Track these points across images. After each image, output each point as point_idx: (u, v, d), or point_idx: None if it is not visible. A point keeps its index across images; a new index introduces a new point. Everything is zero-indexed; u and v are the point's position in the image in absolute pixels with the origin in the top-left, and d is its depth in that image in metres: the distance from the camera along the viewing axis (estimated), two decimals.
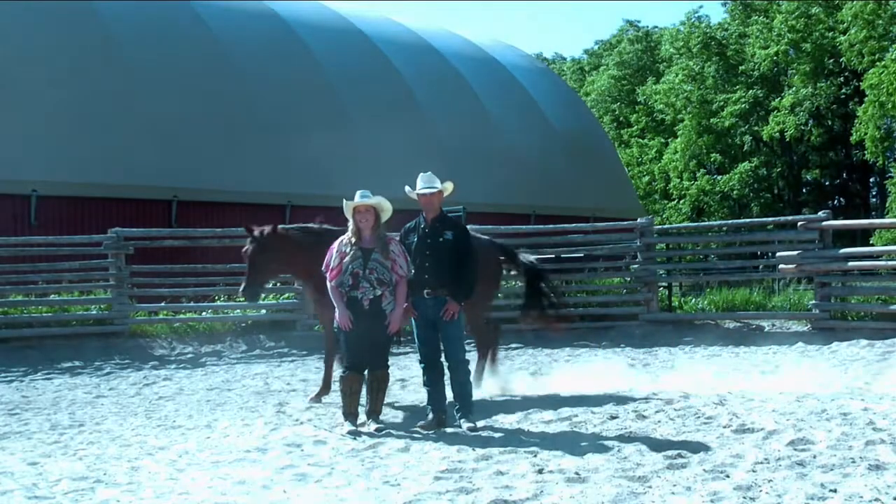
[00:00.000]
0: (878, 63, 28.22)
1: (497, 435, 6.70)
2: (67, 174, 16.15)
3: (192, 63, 18.78)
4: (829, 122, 37.07)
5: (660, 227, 16.92)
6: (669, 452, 5.77)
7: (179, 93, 18.06)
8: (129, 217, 15.21)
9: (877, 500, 4.62)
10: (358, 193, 7.09)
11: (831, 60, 34.08)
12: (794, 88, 34.67)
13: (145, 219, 15.76)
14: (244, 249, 8.33)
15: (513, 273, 10.01)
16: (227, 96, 18.73)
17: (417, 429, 6.96)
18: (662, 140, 40.02)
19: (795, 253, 13.29)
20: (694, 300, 15.84)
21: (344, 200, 7.10)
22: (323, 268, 7.17)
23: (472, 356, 9.88)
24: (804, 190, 39.07)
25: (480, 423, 7.03)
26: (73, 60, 17.17)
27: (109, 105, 17.03)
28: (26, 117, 16.11)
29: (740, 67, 36.72)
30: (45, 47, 17.02)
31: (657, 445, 6.03)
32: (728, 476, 5.19)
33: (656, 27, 45.92)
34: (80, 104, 16.74)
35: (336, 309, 7.01)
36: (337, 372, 7.78)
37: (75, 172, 16.19)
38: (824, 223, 13.30)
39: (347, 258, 6.97)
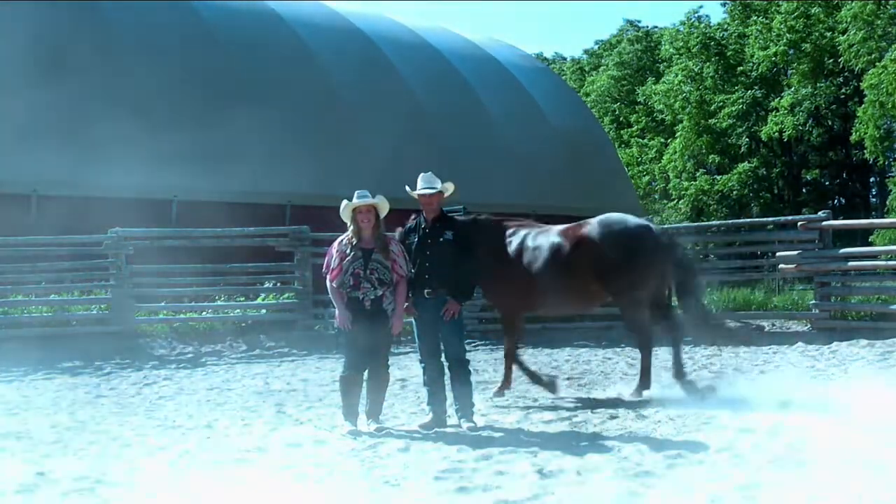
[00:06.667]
0: (877, 63, 28.22)
1: (497, 435, 6.71)
2: (67, 174, 16.13)
3: (191, 62, 18.77)
4: (829, 122, 37.06)
5: (659, 227, 16.89)
6: (669, 452, 5.78)
7: (178, 92, 18.04)
8: (129, 217, 15.20)
9: (877, 499, 4.62)
10: (356, 194, 7.09)
11: (831, 60, 34.07)
12: (793, 88, 34.68)
13: (145, 219, 15.74)
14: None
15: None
16: (226, 96, 18.71)
17: (417, 429, 6.96)
18: (662, 140, 40.02)
19: (795, 253, 13.29)
20: None
21: (344, 201, 7.10)
22: (323, 269, 7.18)
23: (472, 356, 9.89)
24: (804, 190, 39.03)
25: (480, 423, 7.04)
26: (72, 59, 17.15)
27: (108, 104, 17.00)
28: (26, 116, 16.10)
29: (739, 68, 36.72)
30: (45, 46, 17.00)
31: (657, 445, 6.03)
32: (728, 476, 5.19)
33: (656, 27, 45.90)
34: (78, 103, 16.73)
35: (336, 309, 7.02)
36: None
37: (75, 172, 16.17)
38: (824, 223, 13.30)
39: (348, 259, 6.97)
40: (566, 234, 8.35)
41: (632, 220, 8.45)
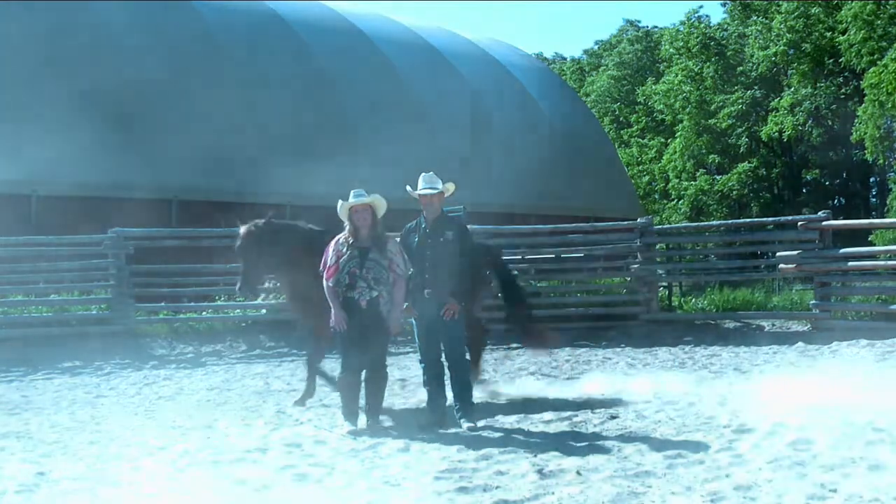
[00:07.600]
0: (877, 63, 28.20)
1: (497, 435, 6.70)
2: (67, 174, 16.13)
3: (191, 62, 18.78)
4: (829, 122, 37.04)
5: (659, 227, 16.91)
6: (669, 452, 5.78)
7: (177, 92, 18.05)
8: (129, 217, 15.20)
9: (877, 499, 4.62)
10: (352, 193, 7.09)
11: (831, 60, 34.05)
12: (793, 88, 34.66)
13: (145, 219, 15.75)
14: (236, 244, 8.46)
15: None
16: (227, 96, 18.72)
17: (417, 429, 6.96)
18: (662, 140, 40.01)
19: (795, 253, 13.28)
20: (694, 300, 15.84)
21: (339, 201, 7.09)
22: (321, 268, 7.16)
23: None
24: (804, 190, 39.01)
25: (480, 423, 7.03)
26: (70, 59, 17.17)
27: (108, 104, 17.01)
28: (26, 116, 16.10)
29: (739, 68, 36.70)
30: (43, 45, 17.01)
31: (657, 445, 6.03)
32: (728, 476, 5.19)
33: (656, 27, 45.88)
34: (79, 103, 16.73)
35: (332, 309, 7.00)
36: (335, 373, 7.77)
37: (75, 172, 16.17)
38: (824, 223, 13.29)
39: (344, 257, 6.96)
40: None
41: None
